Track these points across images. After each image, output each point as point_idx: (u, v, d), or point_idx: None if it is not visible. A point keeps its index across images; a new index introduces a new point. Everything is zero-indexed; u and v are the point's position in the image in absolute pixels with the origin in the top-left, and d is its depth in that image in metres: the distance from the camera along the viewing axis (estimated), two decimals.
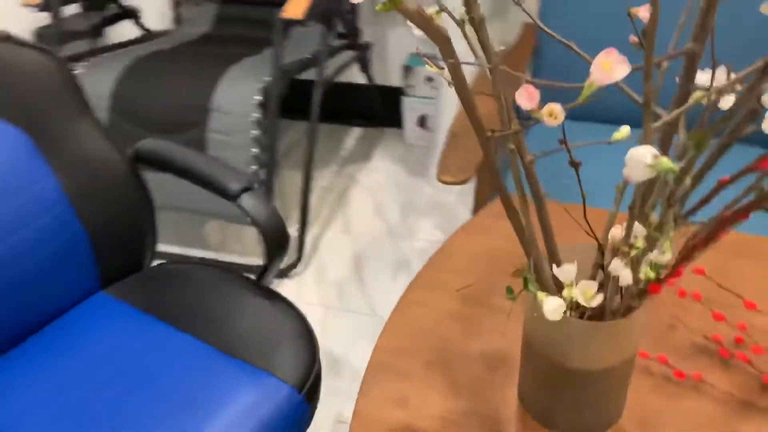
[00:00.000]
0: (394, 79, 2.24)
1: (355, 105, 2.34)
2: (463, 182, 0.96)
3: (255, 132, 1.52)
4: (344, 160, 2.25)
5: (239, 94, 1.53)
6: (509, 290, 0.49)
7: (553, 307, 0.43)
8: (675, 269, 0.41)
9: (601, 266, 0.56)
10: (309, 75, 1.77)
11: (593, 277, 0.55)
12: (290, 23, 1.50)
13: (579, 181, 0.47)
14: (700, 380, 0.67)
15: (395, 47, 2.17)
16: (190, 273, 0.98)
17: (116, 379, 0.78)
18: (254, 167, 1.54)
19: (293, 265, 1.74)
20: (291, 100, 1.65)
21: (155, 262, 1.04)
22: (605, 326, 0.49)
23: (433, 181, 2.07)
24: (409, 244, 1.84)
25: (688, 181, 0.32)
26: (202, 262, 1.01)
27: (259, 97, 1.52)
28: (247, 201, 0.86)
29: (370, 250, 1.83)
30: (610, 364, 0.53)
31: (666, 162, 0.32)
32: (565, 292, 0.50)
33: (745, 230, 0.67)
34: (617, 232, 0.42)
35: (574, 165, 0.44)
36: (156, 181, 1.06)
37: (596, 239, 0.55)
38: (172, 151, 0.91)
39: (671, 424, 0.64)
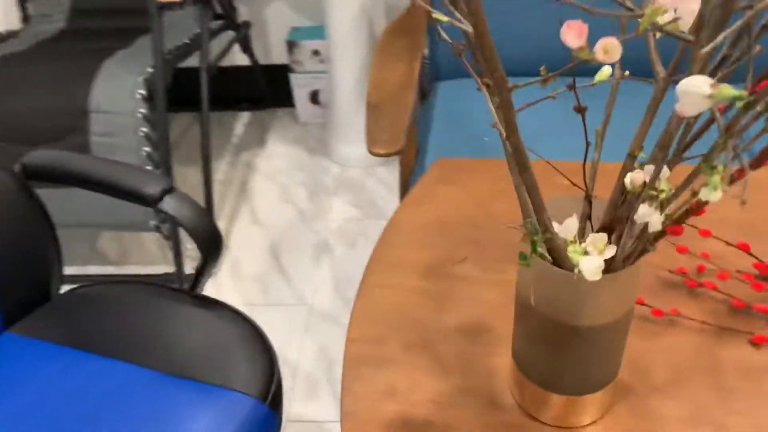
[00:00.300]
0: (279, 57, 2.14)
1: (240, 88, 2.22)
2: (396, 153, 0.91)
3: (144, 129, 1.39)
4: (238, 148, 2.13)
5: (120, 91, 1.38)
6: (522, 256, 0.45)
7: (592, 266, 0.39)
8: (700, 207, 0.39)
9: (588, 216, 0.54)
10: (186, 62, 1.64)
11: (582, 229, 0.53)
12: (166, 7, 1.37)
13: (584, 128, 0.43)
14: (677, 314, 0.67)
15: (275, 23, 2.07)
16: (109, 294, 0.87)
17: (57, 425, 0.68)
18: (149, 167, 1.41)
19: None
20: (169, 91, 1.51)
21: (64, 288, 0.92)
22: (617, 277, 0.46)
23: (335, 157, 2.01)
24: (324, 226, 1.78)
25: (758, 107, 0.29)
26: (121, 279, 0.91)
27: (143, 91, 1.39)
28: (170, 204, 0.76)
29: (285, 239, 1.75)
30: (617, 316, 0.51)
31: (728, 89, 0.29)
32: (570, 249, 0.47)
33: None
34: (638, 176, 0.39)
35: (581, 110, 0.41)
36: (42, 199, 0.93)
37: (585, 189, 0.52)
38: (70, 161, 0.79)
39: (659, 362, 0.64)
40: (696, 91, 0.30)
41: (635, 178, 0.39)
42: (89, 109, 1.38)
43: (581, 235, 0.50)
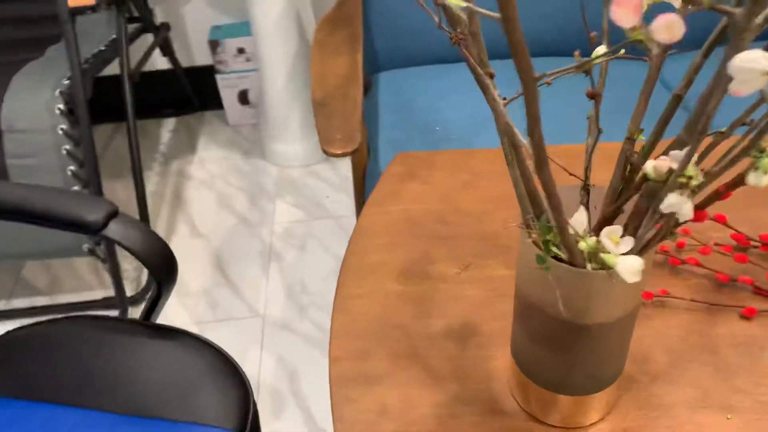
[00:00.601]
0: (202, 57, 2.04)
1: (163, 93, 2.10)
2: (353, 152, 0.86)
3: (67, 147, 1.28)
4: (166, 157, 2.02)
5: (35, 106, 1.27)
6: (540, 259, 0.41)
7: (632, 267, 0.36)
8: (729, 191, 0.36)
9: (586, 206, 0.51)
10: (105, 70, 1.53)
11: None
12: (78, 12, 1.26)
13: (597, 115, 0.40)
14: (666, 295, 0.66)
15: (195, 22, 1.97)
16: (53, 333, 0.79)
17: None
18: (76, 188, 1.31)
19: (147, 288, 1.53)
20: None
21: None
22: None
23: (272, 158, 1.94)
24: (269, 231, 1.71)
25: None
26: (63, 315, 0.81)
27: (61, 105, 1.28)
28: (117, 230, 0.69)
29: (228, 248, 1.67)
30: (629, 310, 0.48)
31: None
32: (582, 244, 0.43)
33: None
34: (663, 164, 0.36)
35: (594, 96, 0.37)
36: None
37: (585, 178, 0.49)
38: None
39: (656, 347, 0.62)
40: (754, 67, 0.27)
41: (660, 165, 0.36)
42: (1, 129, 1.26)
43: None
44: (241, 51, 1.92)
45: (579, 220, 0.43)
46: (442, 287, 0.69)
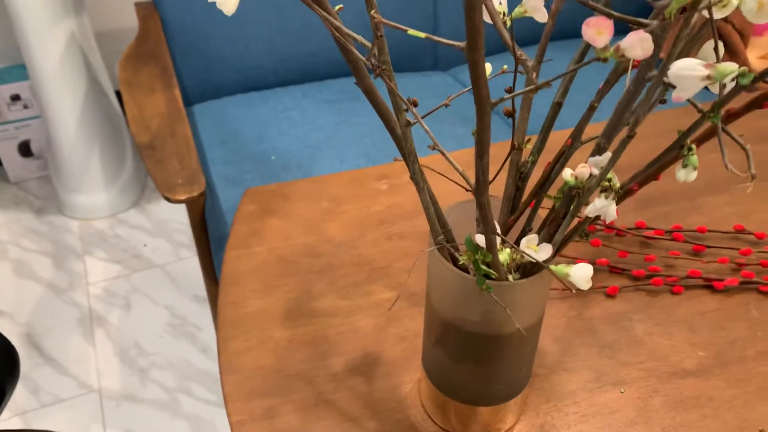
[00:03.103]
0: None
1: None
2: (200, 196, 0.80)
3: None
4: None
5: None
6: (481, 281, 0.41)
7: (584, 275, 0.36)
8: (642, 187, 0.39)
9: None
10: None
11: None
12: None
13: (513, 129, 0.41)
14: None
15: None
16: None
17: None
18: None
19: None
20: None
21: None
22: (549, 274, 0.45)
23: (71, 212, 1.74)
24: (84, 294, 1.52)
25: (746, 81, 0.29)
26: None
27: None
28: None
29: (39, 322, 1.46)
30: (543, 309, 0.50)
31: (726, 67, 0.28)
32: (502, 256, 0.44)
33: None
34: (584, 170, 0.37)
35: (510, 114, 0.38)
36: None
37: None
38: None
39: (544, 338, 0.65)
40: (692, 74, 0.28)
41: (581, 172, 0.37)
42: None
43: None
44: (15, 98, 1.70)
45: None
46: (332, 323, 0.67)
